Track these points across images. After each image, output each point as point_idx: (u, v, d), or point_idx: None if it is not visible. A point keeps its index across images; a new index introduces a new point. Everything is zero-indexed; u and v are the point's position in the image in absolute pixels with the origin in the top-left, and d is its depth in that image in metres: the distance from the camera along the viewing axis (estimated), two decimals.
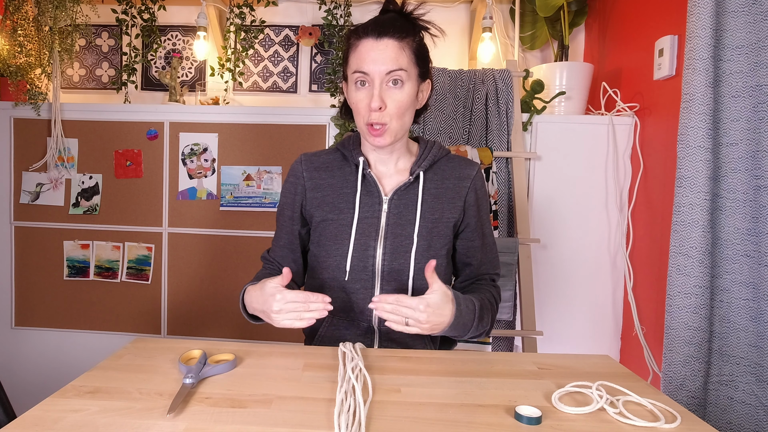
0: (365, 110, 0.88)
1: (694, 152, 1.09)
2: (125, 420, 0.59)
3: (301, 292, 0.80)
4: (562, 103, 1.83)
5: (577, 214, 1.75)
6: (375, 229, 0.93)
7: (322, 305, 0.78)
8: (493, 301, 0.96)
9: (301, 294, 0.79)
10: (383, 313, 0.79)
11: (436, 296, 0.80)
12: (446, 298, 0.81)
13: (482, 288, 0.99)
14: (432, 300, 0.79)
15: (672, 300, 1.13)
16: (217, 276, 1.84)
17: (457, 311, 0.82)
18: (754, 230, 1.06)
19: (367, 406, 0.63)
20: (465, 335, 0.89)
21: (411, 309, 0.78)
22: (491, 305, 0.94)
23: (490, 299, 0.95)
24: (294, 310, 0.79)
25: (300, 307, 0.79)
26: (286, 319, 0.79)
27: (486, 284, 1.00)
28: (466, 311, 0.84)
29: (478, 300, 0.89)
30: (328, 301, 0.79)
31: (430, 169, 0.97)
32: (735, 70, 1.08)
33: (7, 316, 1.90)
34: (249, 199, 1.81)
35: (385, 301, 0.79)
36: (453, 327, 0.83)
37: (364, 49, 0.86)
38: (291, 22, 2.21)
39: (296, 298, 0.78)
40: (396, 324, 0.79)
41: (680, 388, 1.12)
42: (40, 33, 1.81)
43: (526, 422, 0.60)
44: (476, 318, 0.87)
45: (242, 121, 1.81)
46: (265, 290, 0.81)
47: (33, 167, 1.87)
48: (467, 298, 0.87)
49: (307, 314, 0.79)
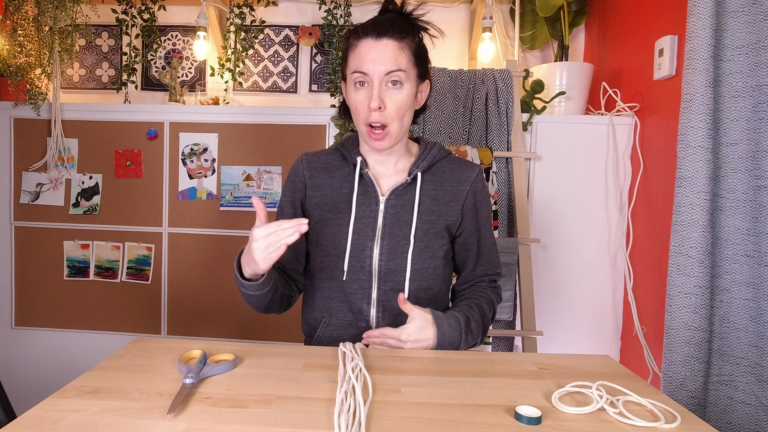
0: (364, 110, 0.87)
1: (694, 152, 1.09)
2: (125, 420, 0.59)
3: (274, 222, 0.77)
4: (562, 103, 1.83)
5: (577, 214, 1.75)
6: (372, 229, 0.93)
7: (294, 227, 0.75)
8: (487, 306, 0.97)
9: (274, 223, 0.77)
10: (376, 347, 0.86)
11: (414, 324, 0.85)
12: (426, 323, 0.86)
13: (478, 292, 0.99)
14: (411, 329, 0.85)
15: (672, 300, 1.13)
16: (217, 276, 1.84)
17: (440, 333, 0.86)
18: (754, 230, 1.06)
19: (367, 406, 0.63)
20: (459, 348, 0.90)
21: (394, 340, 0.85)
22: (482, 312, 0.95)
23: (482, 305, 0.96)
24: (277, 239, 0.76)
25: (280, 232, 0.76)
26: (274, 251, 0.76)
27: (483, 287, 1.01)
28: (449, 330, 0.87)
29: (464, 314, 0.91)
30: (304, 223, 0.75)
31: (429, 170, 0.97)
32: (735, 70, 1.08)
33: (7, 316, 1.90)
34: (249, 199, 1.81)
35: (373, 336, 0.87)
36: (440, 346, 0.87)
37: (363, 49, 0.86)
38: (291, 22, 2.21)
39: (276, 225, 0.76)
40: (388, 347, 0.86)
41: (680, 388, 1.12)
42: (40, 33, 1.82)
43: (526, 422, 0.60)
44: (463, 333, 0.89)
45: (242, 121, 1.81)
46: (251, 236, 0.78)
47: (33, 167, 1.87)
48: (451, 315, 0.89)
49: (287, 235, 0.76)
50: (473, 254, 1.00)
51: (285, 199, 1.01)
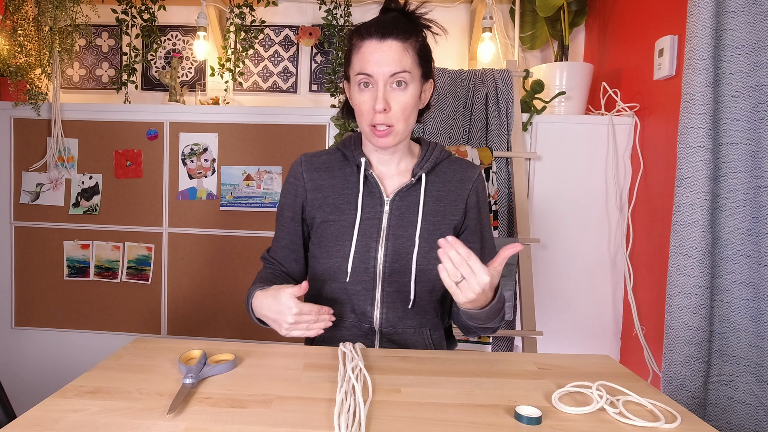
0: (369, 112, 0.87)
1: (694, 152, 1.09)
2: (125, 420, 0.59)
3: (314, 306, 0.81)
4: (562, 103, 1.83)
5: (577, 214, 1.75)
6: (376, 230, 0.93)
7: (328, 317, 0.83)
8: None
9: (315, 307, 0.81)
10: (444, 258, 0.72)
11: (497, 275, 0.76)
12: (495, 284, 0.78)
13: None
14: (495, 274, 0.75)
15: (672, 300, 1.13)
16: (217, 276, 1.84)
17: (497, 301, 0.81)
18: (754, 230, 1.06)
19: (367, 406, 0.63)
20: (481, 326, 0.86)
21: (474, 273, 0.71)
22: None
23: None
24: (306, 322, 0.81)
25: (311, 319, 0.81)
26: (297, 330, 0.81)
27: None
28: (496, 304, 0.82)
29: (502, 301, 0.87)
30: (331, 312, 0.83)
31: (431, 171, 0.97)
32: (735, 70, 1.08)
33: (7, 316, 1.90)
34: (249, 199, 1.81)
35: (455, 249, 0.71)
36: (484, 313, 0.80)
37: (367, 50, 0.85)
38: (291, 22, 2.21)
39: (311, 310, 0.80)
40: (447, 276, 0.73)
41: (680, 388, 1.12)
42: (40, 33, 1.81)
43: (526, 422, 0.60)
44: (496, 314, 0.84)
45: (242, 121, 1.81)
46: (281, 300, 0.81)
47: (33, 167, 1.87)
48: (501, 295, 0.85)
49: (316, 325, 0.82)
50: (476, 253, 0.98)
51: (285, 201, 1.00)
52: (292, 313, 0.79)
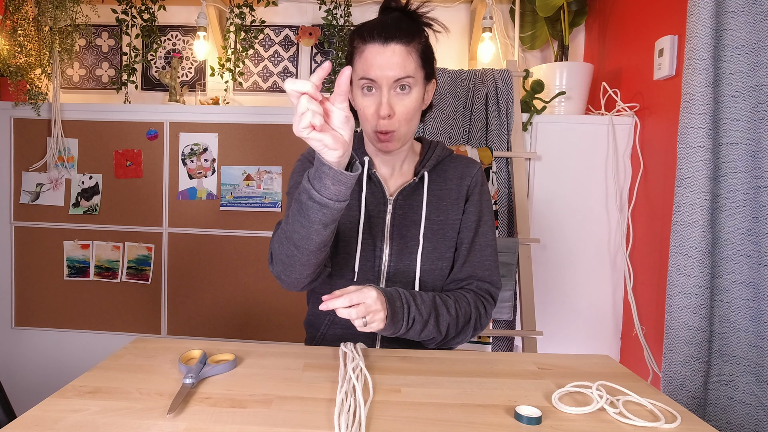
0: (373, 117, 0.86)
1: (694, 152, 1.09)
2: (125, 420, 0.59)
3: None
4: (562, 103, 1.83)
5: (577, 214, 1.75)
6: (381, 229, 0.93)
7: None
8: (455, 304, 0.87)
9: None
10: (341, 311, 0.72)
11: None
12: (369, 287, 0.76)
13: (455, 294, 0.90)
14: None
15: (672, 300, 1.13)
16: (217, 276, 1.84)
17: (387, 295, 0.78)
18: (754, 230, 1.06)
19: (367, 406, 0.63)
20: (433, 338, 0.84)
21: (362, 302, 0.73)
22: (446, 308, 0.86)
23: (448, 302, 0.87)
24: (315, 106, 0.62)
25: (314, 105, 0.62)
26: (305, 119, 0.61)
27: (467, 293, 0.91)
28: (395, 294, 0.79)
29: (414, 295, 0.83)
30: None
31: (433, 170, 0.97)
32: (735, 70, 1.08)
33: (7, 316, 1.90)
34: (249, 199, 1.81)
35: (334, 302, 0.72)
36: (392, 314, 0.78)
37: (370, 54, 0.83)
38: (291, 22, 2.21)
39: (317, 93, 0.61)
40: (362, 324, 0.74)
41: (680, 388, 1.12)
42: (40, 33, 1.81)
43: (526, 422, 0.60)
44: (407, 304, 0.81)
45: (242, 121, 1.81)
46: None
47: (33, 167, 1.87)
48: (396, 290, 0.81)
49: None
50: (465, 249, 0.93)
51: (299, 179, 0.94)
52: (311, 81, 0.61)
